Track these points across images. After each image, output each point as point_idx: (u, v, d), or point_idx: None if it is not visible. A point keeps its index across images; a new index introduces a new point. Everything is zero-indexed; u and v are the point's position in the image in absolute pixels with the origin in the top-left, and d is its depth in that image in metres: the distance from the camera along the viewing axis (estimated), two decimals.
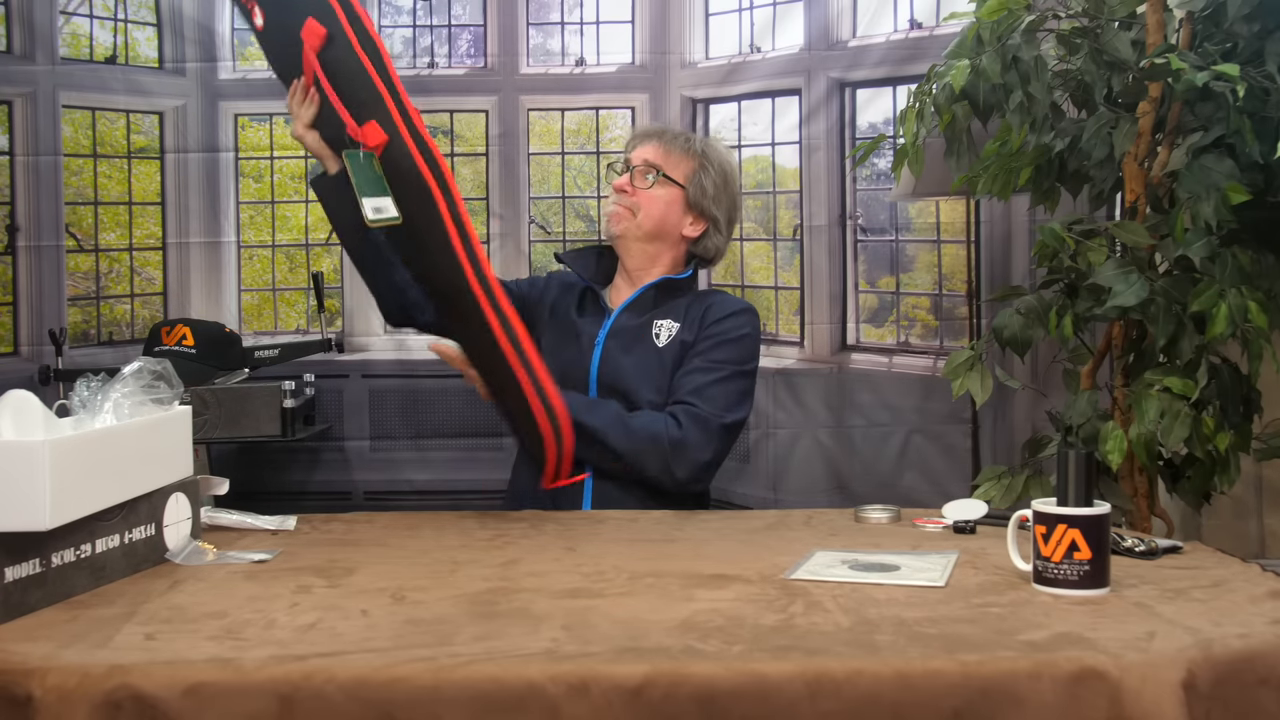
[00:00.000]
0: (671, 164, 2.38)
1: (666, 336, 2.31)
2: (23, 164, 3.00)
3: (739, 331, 2.31)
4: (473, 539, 1.84)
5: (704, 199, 2.38)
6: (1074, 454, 1.47)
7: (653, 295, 2.36)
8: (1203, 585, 1.50)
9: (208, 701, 1.17)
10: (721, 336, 2.29)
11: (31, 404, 1.58)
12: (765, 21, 3.07)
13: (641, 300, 2.36)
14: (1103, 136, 2.29)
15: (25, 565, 1.40)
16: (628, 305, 2.36)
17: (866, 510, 1.98)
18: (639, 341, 2.31)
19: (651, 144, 2.41)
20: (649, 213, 2.36)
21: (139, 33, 3.08)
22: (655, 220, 2.36)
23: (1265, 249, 2.27)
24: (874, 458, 3.00)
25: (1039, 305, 2.40)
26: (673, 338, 2.31)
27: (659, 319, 2.33)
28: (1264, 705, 1.24)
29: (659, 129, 2.49)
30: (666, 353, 2.29)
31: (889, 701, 1.17)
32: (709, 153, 2.42)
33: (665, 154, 2.39)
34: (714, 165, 2.41)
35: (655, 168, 2.37)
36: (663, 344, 2.31)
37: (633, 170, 2.38)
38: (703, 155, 2.40)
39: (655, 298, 2.36)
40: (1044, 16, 2.30)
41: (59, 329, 2.97)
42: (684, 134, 2.48)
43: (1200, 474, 2.33)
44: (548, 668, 1.19)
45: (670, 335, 2.31)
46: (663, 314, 2.34)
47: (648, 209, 2.36)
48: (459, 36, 3.14)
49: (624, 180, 2.39)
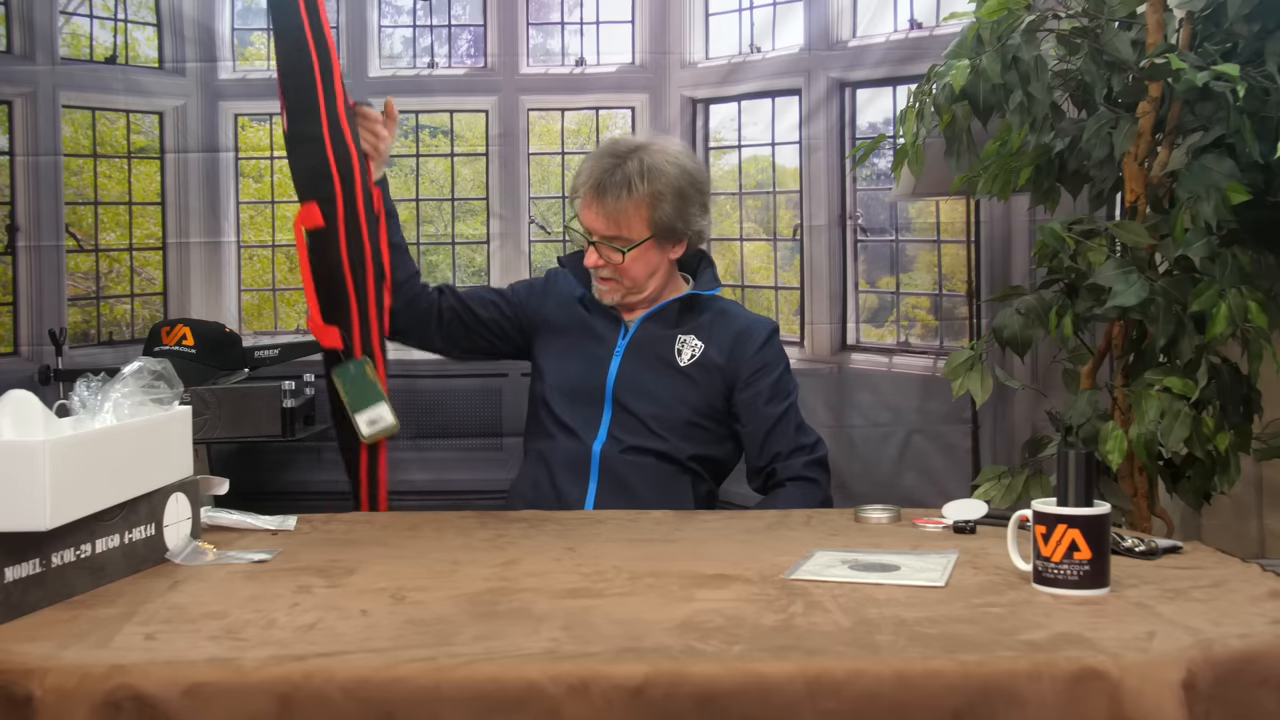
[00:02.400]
0: (627, 226, 2.26)
1: (690, 356, 2.30)
2: (23, 164, 3.00)
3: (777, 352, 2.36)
4: (473, 539, 1.84)
5: (671, 225, 2.29)
6: (1074, 454, 1.47)
7: (676, 310, 2.34)
8: (1203, 585, 1.50)
9: (207, 701, 1.17)
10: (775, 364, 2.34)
11: (31, 404, 1.58)
12: (765, 21, 3.07)
13: (664, 314, 2.34)
14: (1103, 136, 2.29)
15: (25, 565, 1.40)
16: (650, 316, 2.33)
17: (866, 510, 1.98)
18: (659, 359, 2.29)
19: (597, 211, 2.27)
20: (631, 275, 2.30)
21: (139, 33, 3.08)
22: (640, 277, 2.31)
23: (1265, 249, 2.27)
24: (874, 458, 3.00)
25: (1039, 305, 2.40)
26: (696, 358, 2.30)
27: (683, 334, 2.32)
28: (1264, 705, 1.24)
29: (597, 181, 2.27)
30: (691, 372, 2.29)
31: (889, 701, 1.17)
32: (655, 177, 2.26)
33: (616, 220, 2.26)
34: (666, 188, 2.27)
35: (616, 242, 2.26)
36: (685, 363, 2.30)
37: (597, 246, 2.28)
38: (649, 185, 2.25)
39: (679, 313, 2.34)
40: (1044, 16, 2.29)
41: (59, 329, 2.97)
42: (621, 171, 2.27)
43: (1200, 474, 2.33)
44: (548, 668, 1.19)
45: (694, 355, 2.30)
46: (687, 329, 2.32)
47: (629, 273, 2.30)
48: (459, 36, 3.14)
49: (593, 259, 2.29)
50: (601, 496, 2.21)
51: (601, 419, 2.26)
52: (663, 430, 2.25)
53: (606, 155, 2.30)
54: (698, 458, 2.29)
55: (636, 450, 2.24)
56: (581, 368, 2.29)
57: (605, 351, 2.30)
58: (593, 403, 2.27)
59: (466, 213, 3.14)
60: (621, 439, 2.25)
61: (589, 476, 2.23)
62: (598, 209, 2.28)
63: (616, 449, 2.24)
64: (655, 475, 2.24)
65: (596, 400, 2.27)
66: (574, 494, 2.22)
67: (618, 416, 2.26)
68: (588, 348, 2.32)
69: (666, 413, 2.26)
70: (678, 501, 2.22)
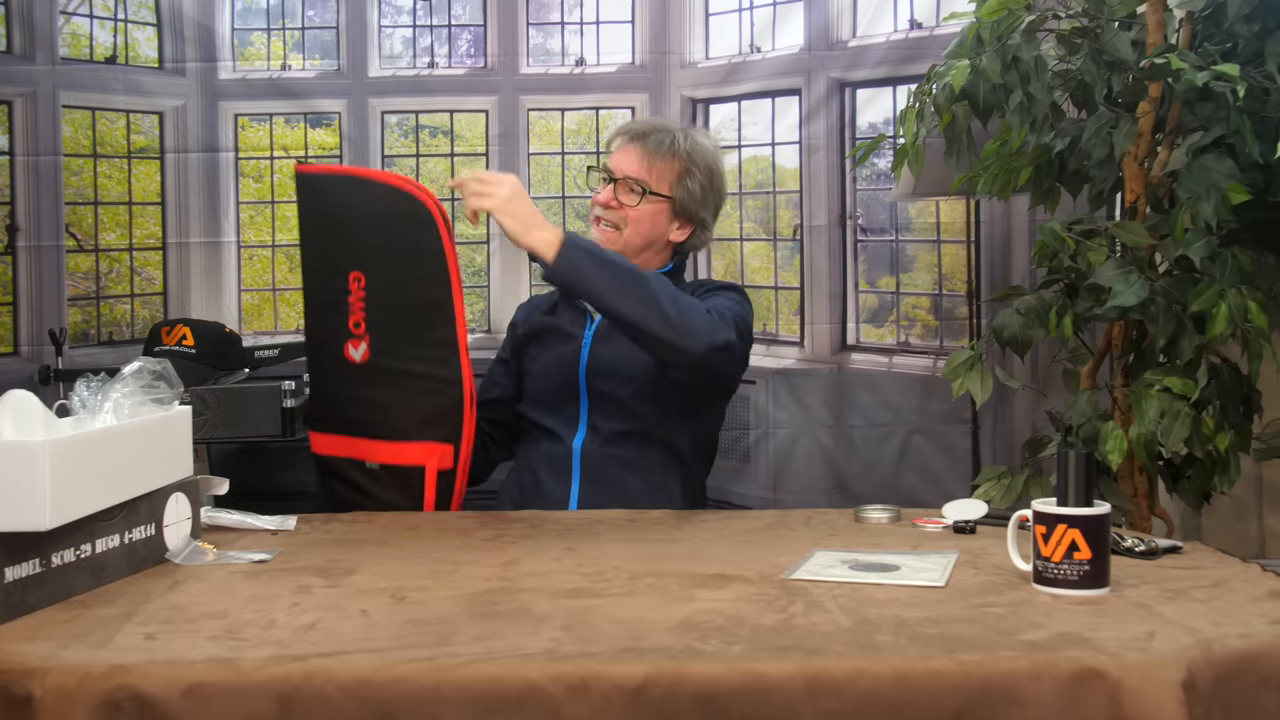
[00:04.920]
0: (656, 176, 2.27)
1: None
2: (23, 164, 3.00)
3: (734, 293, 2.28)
4: (473, 539, 1.84)
5: (691, 204, 2.30)
6: (1074, 454, 1.47)
7: None
8: (1203, 585, 1.50)
9: (208, 701, 1.17)
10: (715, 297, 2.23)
11: (31, 404, 1.58)
12: (765, 21, 3.07)
13: None
14: (1103, 136, 2.29)
15: (25, 565, 1.39)
16: None
17: (866, 510, 1.98)
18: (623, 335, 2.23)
19: (634, 152, 2.29)
20: (636, 230, 2.28)
21: (139, 33, 3.08)
22: (643, 236, 2.29)
23: (1265, 249, 2.27)
24: (874, 458, 3.00)
25: (1039, 305, 2.40)
26: None
27: None
28: (1264, 705, 1.24)
29: (642, 129, 2.34)
30: None
31: (889, 701, 1.17)
32: (695, 152, 2.31)
33: (649, 165, 2.27)
34: (700, 166, 2.30)
35: (640, 185, 2.27)
36: None
37: (616, 184, 2.28)
38: (689, 157, 2.30)
39: None
40: (1044, 16, 2.30)
41: (59, 329, 2.97)
42: (667, 131, 2.34)
43: (1200, 474, 2.33)
44: (548, 668, 1.19)
45: None
46: None
47: (635, 226, 2.28)
48: (459, 36, 3.15)
49: (608, 195, 2.28)
50: (585, 493, 2.19)
51: (579, 413, 2.24)
52: (641, 407, 2.21)
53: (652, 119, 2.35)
54: (680, 435, 2.24)
55: (618, 438, 2.21)
56: (554, 366, 2.27)
57: (574, 346, 2.28)
58: (568, 397, 2.24)
59: None
60: (600, 428, 2.22)
61: (571, 475, 2.21)
62: (637, 149, 2.29)
63: (596, 443, 2.21)
64: (638, 467, 2.21)
65: (571, 393, 2.24)
66: (557, 494, 2.20)
67: (594, 404, 2.23)
68: (558, 346, 2.29)
69: (643, 386, 2.20)
70: (662, 492, 2.19)
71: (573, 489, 2.20)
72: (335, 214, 2.11)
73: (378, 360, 2.08)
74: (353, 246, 2.09)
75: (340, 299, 2.09)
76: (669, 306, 2.01)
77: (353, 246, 2.09)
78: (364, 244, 2.09)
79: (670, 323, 2.01)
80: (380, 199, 2.07)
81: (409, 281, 2.08)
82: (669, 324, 2.01)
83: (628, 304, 2.01)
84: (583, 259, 2.01)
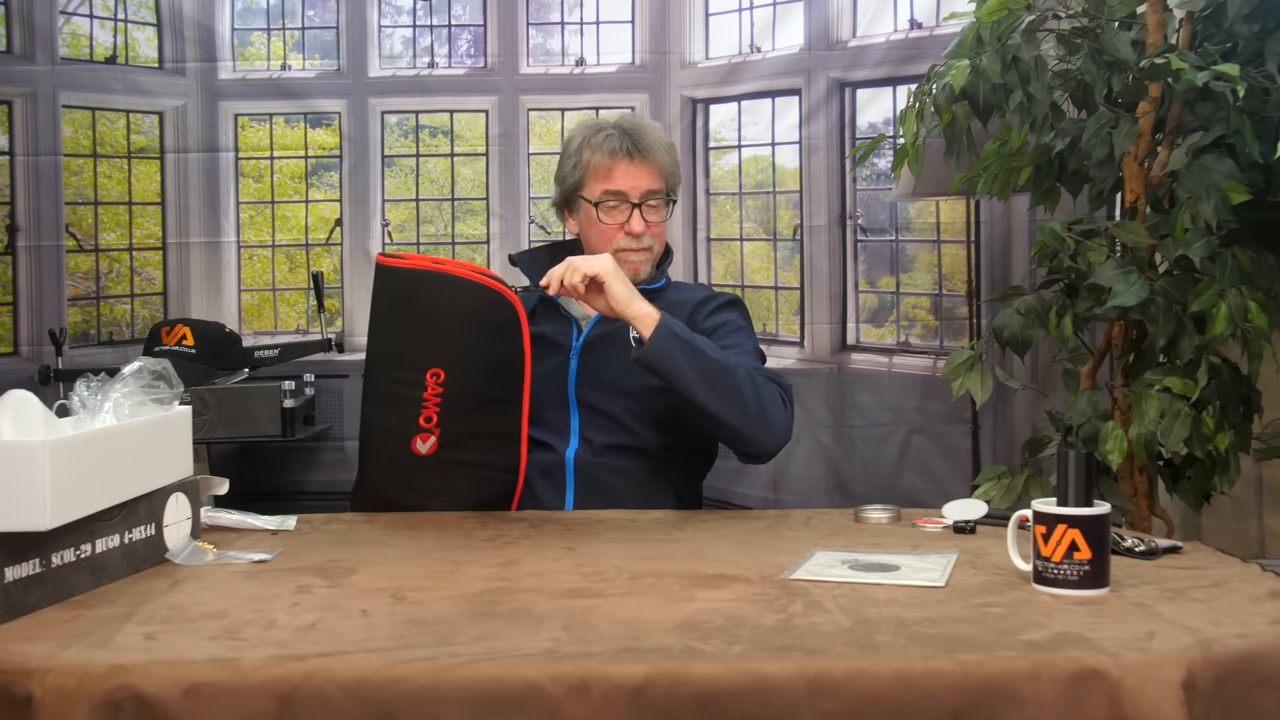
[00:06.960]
0: (665, 175, 2.24)
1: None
2: (23, 164, 3.00)
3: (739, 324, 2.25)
4: (473, 539, 1.84)
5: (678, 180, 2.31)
6: (1074, 454, 1.47)
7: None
8: (1203, 585, 1.50)
9: (208, 701, 1.17)
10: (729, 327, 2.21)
11: (31, 404, 1.58)
12: (765, 21, 3.07)
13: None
14: (1103, 136, 2.29)
15: (25, 565, 1.39)
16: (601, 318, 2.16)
17: (866, 510, 1.98)
18: (613, 347, 2.16)
19: (638, 167, 2.22)
20: (660, 238, 2.26)
21: (139, 33, 3.08)
22: (664, 239, 2.28)
23: (1265, 249, 2.27)
24: (874, 458, 3.00)
25: (1039, 305, 2.40)
26: None
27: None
28: (1264, 705, 1.24)
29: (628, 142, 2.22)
30: None
31: (889, 701, 1.17)
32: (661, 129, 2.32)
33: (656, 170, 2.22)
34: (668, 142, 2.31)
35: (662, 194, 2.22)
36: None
37: (642, 207, 2.21)
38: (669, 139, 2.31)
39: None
40: (1044, 16, 2.30)
41: (59, 329, 2.97)
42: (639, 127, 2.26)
43: (1200, 474, 2.33)
44: (548, 668, 1.19)
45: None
46: None
47: (660, 239, 2.26)
48: (459, 36, 3.15)
49: (639, 224, 2.20)
50: (581, 501, 2.15)
51: (570, 425, 2.18)
52: (635, 423, 2.17)
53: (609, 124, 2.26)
54: (675, 450, 2.20)
55: (611, 450, 2.16)
56: (541, 381, 2.16)
57: (561, 358, 2.21)
58: (559, 411, 2.19)
59: (467, 213, 3.15)
60: (593, 440, 2.17)
61: (565, 484, 2.17)
62: (641, 163, 2.22)
63: (590, 453, 2.16)
64: (633, 477, 2.16)
65: (562, 407, 2.19)
66: (552, 503, 2.15)
67: (585, 418, 2.18)
68: (547, 359, 2.20)
69: (634, 400, 2.16)
70: (658, 500, 2.15)
71: (568, 497, 2.17)
72: (418, 310, 2.05)
73: (444, 453, 2.04)
74: (434, 344, 2.04)
75: (414, 394, 2.03)
76: (751, 403, 2.01)
77: (434, 344, 2.04)
78: (448, 343, 2.04)
79: (749, 419, 2.01)
80: (468, 298, 2.03)
81: (489, 380, 2.05)
82: (747, 420, 2.01)
83: (712, 398, 1.99)
84: (674, 345, 1.97)
